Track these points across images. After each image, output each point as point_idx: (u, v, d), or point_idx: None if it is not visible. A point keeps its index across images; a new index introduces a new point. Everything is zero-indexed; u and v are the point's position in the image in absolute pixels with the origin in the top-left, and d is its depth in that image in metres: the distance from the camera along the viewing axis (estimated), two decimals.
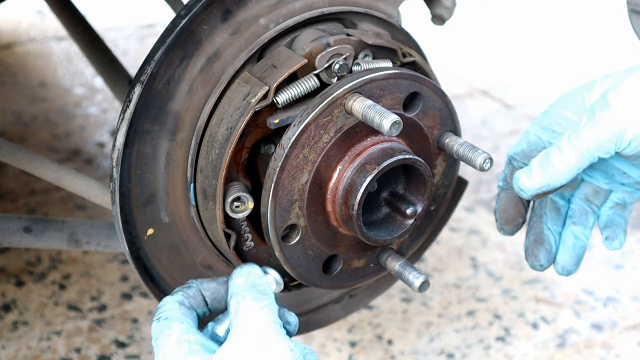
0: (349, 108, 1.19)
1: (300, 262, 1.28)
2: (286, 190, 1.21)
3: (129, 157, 1.20)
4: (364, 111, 1.17)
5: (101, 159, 2.78)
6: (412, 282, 1.31)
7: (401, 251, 1.40)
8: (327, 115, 1.19)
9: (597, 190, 1.37)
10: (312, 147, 1.20)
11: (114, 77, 1.92)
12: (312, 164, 1.21)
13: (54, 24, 3.71)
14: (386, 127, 1.14)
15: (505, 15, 4.25)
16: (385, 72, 1.22)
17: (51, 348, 1.98)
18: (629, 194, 1.37)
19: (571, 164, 1.21)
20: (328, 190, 1.25)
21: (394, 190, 1.33)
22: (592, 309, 2.22)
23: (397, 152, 1.24)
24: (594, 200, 1.38)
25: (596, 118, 1.19)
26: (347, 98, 1.19)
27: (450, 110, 1.31)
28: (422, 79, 1.26)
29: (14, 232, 1.47)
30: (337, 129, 1.21)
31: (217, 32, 1.21)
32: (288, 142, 1.18)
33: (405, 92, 1.25)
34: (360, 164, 1.23)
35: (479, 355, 2.04)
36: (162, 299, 1.19)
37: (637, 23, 1.52)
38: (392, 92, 1.23)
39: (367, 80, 1.20)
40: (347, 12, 1.31)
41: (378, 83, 1.21)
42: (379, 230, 1.31)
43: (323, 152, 1.21)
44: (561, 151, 1.21)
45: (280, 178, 1.19)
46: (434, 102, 1.29)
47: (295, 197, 1.22)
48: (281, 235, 1.24)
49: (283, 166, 1.19)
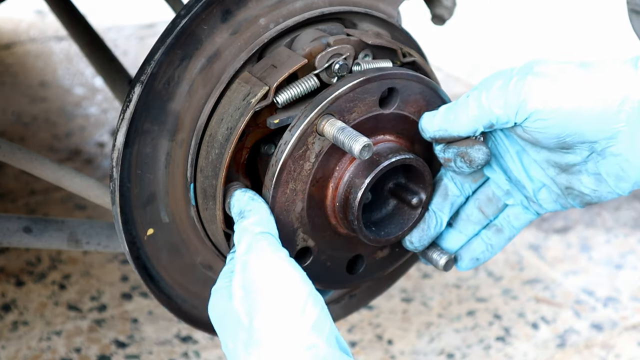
0: (320, 132, 1.18)
1: (322, 275, 1.28)
2: (284, 223, 1.21)
3: (129, 157, 1.20)
4: (334, 136, 1.16)
5: (101, 159, 2.78)
6: (437, 260, 1.31)
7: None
8: (301, 146, 1.18)
9: (490, 198, 1.33)
10: (297, 179, 1.20)
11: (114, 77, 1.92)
12: (302, 193, 1.21)
13: (54, 24, 3.71)
14: (356, 151, 1.13)
15: (506, 15, 4.25)
16: (349, 84, 1.19)
17: (51, 348, 1.98)
18: (514, 215, 1.33)
19: (472, 115, 1.20)
20: (327, 207, 1.24)
21: (397, 182, 1.32)
22: (592, 309, 2.22)
23: (384, 158, 1.22)
24: (485, 209, 1.34)
25: (509, 83, 1.18)
26: (317, 122, 1.18)
27: (432, 88, 1.28)
28: (392, 74, 1.23)
29: (14, 232, 1.47)
30: (317, 153, 1.20)
31: (217, 32, 1.21)
32: (270, 183, 1.18)
33: (377, 93, 1.22)
34: (349, 179, 1.22)
35: (479, 355, 2.04)
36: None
37: (637, 23, 1.52)
38: (363, 99, 1.21)
39: (333, 100, 1.18)
40: (347, 12, 1.31)
41: (345, 97, 1.19)
42: (389, 226, 1.30)
43: (310, 180, 1.21)
44: (467, 101, 1.21)
45: (274, 216, 1.19)
46: (412, 89, 1.26)
47: (296, 225, 1.23)
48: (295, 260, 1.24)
49: (272, 206, 1.19)
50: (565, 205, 1.31)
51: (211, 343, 2.02)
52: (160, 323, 2.07)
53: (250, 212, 1.18)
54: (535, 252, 2.43)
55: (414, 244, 1.31)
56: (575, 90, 1.15)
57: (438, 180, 1.32)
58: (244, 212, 1.18)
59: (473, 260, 1.34)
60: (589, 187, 1.25)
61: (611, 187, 1.23)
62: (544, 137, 1.19)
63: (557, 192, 1.29)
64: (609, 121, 1.15)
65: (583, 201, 1.28)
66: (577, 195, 1.27)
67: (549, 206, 1.31)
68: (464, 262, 1.34)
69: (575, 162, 1.23)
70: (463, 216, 1.34)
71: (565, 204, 1.30)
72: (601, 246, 2.48)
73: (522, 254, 2.42)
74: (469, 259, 1.34)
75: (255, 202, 1.19)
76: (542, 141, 1.20)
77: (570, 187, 1.27)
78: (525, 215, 1.34)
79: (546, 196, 1.30)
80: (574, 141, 1.19)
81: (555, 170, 1.26)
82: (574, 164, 1.24)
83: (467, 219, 1.34)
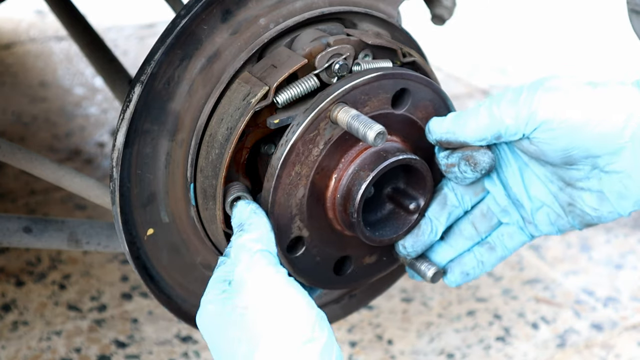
0: (334, 119, 1.18)
1: (310, 270, 1.28)
2: (284, 208, 1.21)
3: (129, 157, 1.20)
4: (348, 122, 1.16)
5: (101, 159, 2.78)
6: (425, 272, 1.31)
7: None
8: (313, 130, 1.18)
9: (484, 213, 1.34)
10: (304, 163, 1.20)
11: (114, 77, 1.92)
12: (306, 179, 1.21)
13: (54, 24, 3.71)
14: (370, 138, 1.13)
15: (506, 15, 4.25)
16: (366, 77, 1.20)
17: (51, 348, 1.98)
18: (508, 234, 1.34)
19: (482, 123, 1.21)
20: (327, 199, 1.24)
21: (395, 186, 1.32)
22: (592, 309, 2.22)
23: (391, 154, 1.23)
24: (477, 224, 1.34)
25: (520, 96, 1.20)
26: (332, 109, 1.18)
27: (442, 97, 1.29)
28: (407, 74, 1.24)
29: (14, 232, 1.47)
30: (326, 140, 1.20)
31: (217, 32, 1.21)
32: (277, 162, 1.18)
33: (391, 91, 1.23)
34: (355, 171, 1.22)
35: (479, 355, 2.04)
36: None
37: (637, 23, 1.52)
38: (377, 94, 1.22)
39: (349, 89, 1.19)
40: (347, 12, 1.31)
41: (361, 89, 1.20)
42: (383, 228, 1.30)
43: (315, 165, 1.21)
44: (478, 109, 1.22)
45: (275, 198, 1.19)
46: (423, 94, 1.27)
47: (294, 212, 1.22)
48: (286, 248, 1.24)
49: (276, 186, 1.19)
50: (562, 228, 1.32)
51: None
52: (160, 323, 2.07)
53: (251, 226, 1.16)
54: (535, 252, 2.43)
55: (407, 249, 1.31)
56: (584, 104, 1.18)
57: (438, 189, 1.32)
58: (244, 225, 1.16)
59: (463, 275, 1.34)
60: (591, 206, 1.26)
61: (613, 205, 1.24)
62: (551, 150, 1.21)
63: (558, 211, 1.30)
64: (615, 136, 1.18)
65: (583, 221, 1.29)
66: (578, 215, 1.29)
67: (545, 229, 1.32)
68: (454, 276, 1.34)
69: (579, 177, 1.25)
70: (456, 230, 1.34)
71: (562, 226, 1.32)
72: (601, 246, 2.48)
73: (522, 254, 2.42)
74: (460, 273, 1.34)
75: (257, 216, 1.17)
76: (548, 154, 1.22)
77: (572, 204, 1.28)
78: (520, 236, 1.35)
79: (544, 218, 1.32)
80: (579, 155, 1.21)
81: (558, 185, 1.28)
82: (577, 180, 1.25)
83: (460, 234, 1.34)
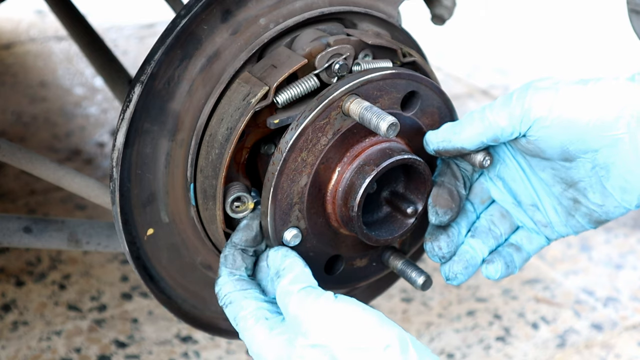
0: (346, 110, 1.19)
1: None
2: (285, 194, 1.21)
3: (129, 157, 1.20)
4: (361, 113, 1.16)
5: (101, 159, 2.78)
6: (415, 280, 1.32)
7: (403, 249, 1.40)
8: (324, 117, 1.19)
9: (503, 214, 1.35)
10: (310, 150, 1.20)
11: (114, 77, 1.92)
12: (311, 167, 1.21)
13: (54, 24, 3.71)
14: (383, 129, 1.14)
15: (506, 15, 4.25)
16: (382, 72, 1.21)
17: (51, 348, 1.98)
18: (527, 237, 1.35)
19: (477, 128, 1.22)
20: (328, 192, 1.24)
21: (394, 190, 1.33)
22: (592, 309, 2.22)
23: (396, 153, 1.23)
24: (498, 225, 1.35)
25: (512, 98, 1.21)
26: (344, 100, 1.19)
27: (449, 107, 1.31)
28: (420, 78, 1.26)
29: (14, 232, 1.47)
30: (335, 131, 1.21)
31: (217, 32, 1.21)
32: (286, 145, 1.18)
33: (403, 91, 1.24)
34: (359, 165, 1.23)
35: (479, 355, 2.04)
36: (216, 282, 1.22)
37: (637, 23, 1.52)
38: (390, 92, 1.23)
39: (364, 82, 1.20)
40: (347, 12, 1.31)
41: (375, 84, 1.21)
42: (380, 230, 1.31)
43: (321, 155, 1.21)
44: (472, 116, 1.23)
45: (279, 182, 1.19)
46: (432, 100, 1.29)
47: (295, 200, 1.22)
48: (282, 238, 1.24)
49: (282, 170, 1.19)
50: (576, 229, 1.33)
51: (211, 343, 2.02)
52: (160, 323, 2.07)
53: (285, 270, 1.17)
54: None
55: (443, 249, 1.31)
56: (576, 99, 1.19)
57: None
58: (279, 272, 1.18)
59: (504, 266, 1.32)
60: (596, 203, 1.27)
61: (617, 200, 1.25)
62: (548, 147, 1.22)
63: (567, 211, 1.31)
64: (609, 127, 1.18)
65: (592, 219, 1.30)
66: (586, 214, 1.29)
67: (561, 230, 1.33)
68: (494, 266, 1.32)
69: (580, 177, 1.25)
70: (480, 230, 1.35)
71: (575, 227, 1.32)
72: (601, 246, 2.48)
73: None
74: (503, 264, 1.32)
75: (288, 259, 1.19)
76: (546, 151, 1.23)
77: (578, 203, 1.29)
78: (538, 239, 1.35)
79: (555, 219, 1.32)
80: (577, 150, 1.21)
81: (562, 186, 1.29)
82: (578, 180, 1.26)
83: (487, 233, 1.34)
